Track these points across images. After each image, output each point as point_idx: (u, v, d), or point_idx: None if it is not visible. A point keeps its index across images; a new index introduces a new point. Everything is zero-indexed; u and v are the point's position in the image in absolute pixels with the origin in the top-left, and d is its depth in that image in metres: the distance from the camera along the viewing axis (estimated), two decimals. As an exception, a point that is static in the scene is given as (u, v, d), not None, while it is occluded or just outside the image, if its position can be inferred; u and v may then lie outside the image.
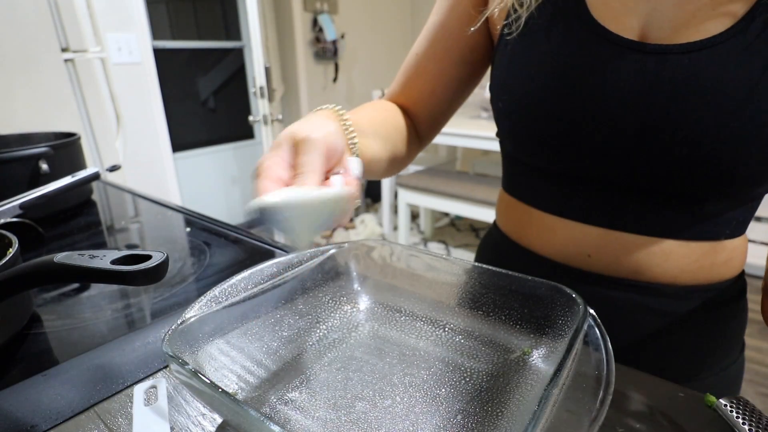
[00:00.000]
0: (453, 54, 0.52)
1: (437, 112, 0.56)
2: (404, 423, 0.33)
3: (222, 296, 0.38)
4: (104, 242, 0.77)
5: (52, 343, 0.47)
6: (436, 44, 0.52)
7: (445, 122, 0.59)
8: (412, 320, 0.45)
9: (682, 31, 0.36)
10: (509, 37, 0.44)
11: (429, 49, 0.53)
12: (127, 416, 0.36)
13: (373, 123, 0.48)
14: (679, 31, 0.36)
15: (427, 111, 0.56)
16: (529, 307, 0.39)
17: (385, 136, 0.49)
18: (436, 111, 0.56)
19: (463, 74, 0.53)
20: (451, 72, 0.53)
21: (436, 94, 0.55)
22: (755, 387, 1.62)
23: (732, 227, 0.43)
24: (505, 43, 0.45)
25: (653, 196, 0.41)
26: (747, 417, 0.32)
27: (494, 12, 0.46)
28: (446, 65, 0.52)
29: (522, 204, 0.50)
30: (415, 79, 0.55)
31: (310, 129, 0.35)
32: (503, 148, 0.53)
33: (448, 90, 0.54)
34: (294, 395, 0.36)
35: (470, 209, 2.24)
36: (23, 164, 0.78)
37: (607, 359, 0.32)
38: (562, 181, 0.45)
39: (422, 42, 0.53)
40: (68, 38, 1.30)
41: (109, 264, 0.33)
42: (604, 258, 0.44)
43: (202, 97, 2.80)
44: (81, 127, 1.36)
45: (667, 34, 0.37)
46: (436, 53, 0.52)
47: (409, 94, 0.56)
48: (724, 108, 0.35)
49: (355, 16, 3.15)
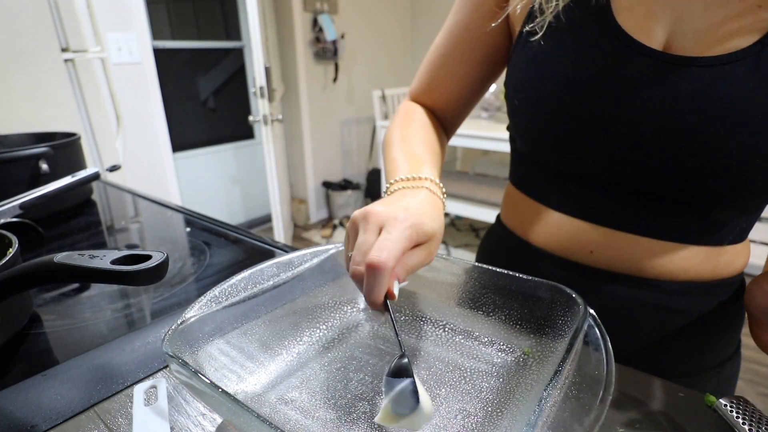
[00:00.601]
0: (477, 54, 0.52)
1: (461, 110, 0.58)
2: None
3: (222, 296, 0.38)
4: (104, 242, 0.77)
5: (52, 343, 0.47)
6: (462, 45, 0.52)
7: (464, 118, 0.60)
8: (412, 320, 0.45)
9: (707, 42, 0.36)
10: (533, 38, 0.43)
11: (455, 50, 0.53)
12: (127, 416, 0.36)
13: (438, 163, 0.50)
14: (704, 42, 0.36)
15: (452, 111, 0.57)
16: (529, 307, 0.39)
17: (440, 165, 0.51)
18: (460, 110, 0.58)
19: (485, 73, 0.54)
20: (475, 72, 0.54)
21: (462, 95, 0.56)
22: (755, 387, 1.62)
23: (735, 233, 0.44)
24: (525, 41, 0.45)
25: (661, 202, 0.41)
26: (747, 417, 0.32)
27: (516, 9, 0.45)
28: (472, 66, 0.53)
29: (529, 199, 0.51)
30: (442, 80, 0.55)
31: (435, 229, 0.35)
32: (513, 144, 0.54)
33: (472, 90, 0.55)
34: (294, 395, 0.36)
35: (470, 209, 2.24)
36: (23, 164, 0.78)
37: (607, 359, 0.32)
38: (571, 180, 0.45)
39: (447, 43, 0.53)
40: (68, 38, 1.30)
41: (109, 264, 0.33)
42: (607, 255, 0.45)
43: (202, 97, 2.80)
44: (81, 127, 1.36)
45: (691, 45, 0.36)
46: (463, 55, 0.53)
47: (436, 96, 0.57)
48: (742, 124, 0.35)
49: (355, 16, 3.15)
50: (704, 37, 0.36)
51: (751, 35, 0.34)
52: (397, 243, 0.32)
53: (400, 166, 0.44)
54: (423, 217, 0.35)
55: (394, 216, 0.33)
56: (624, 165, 0.40)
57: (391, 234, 0.32)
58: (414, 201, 0.37)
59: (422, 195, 0.38)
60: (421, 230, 0.34)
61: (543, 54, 0.43)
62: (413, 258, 0.34)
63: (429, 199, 0.38)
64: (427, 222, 0.35)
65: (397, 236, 0.32)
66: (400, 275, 0.33)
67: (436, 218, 0.36)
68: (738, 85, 0.34)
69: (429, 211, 0.36)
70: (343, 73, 3.20)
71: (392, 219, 0.33)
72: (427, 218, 0.35)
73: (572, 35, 0.41)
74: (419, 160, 0.45)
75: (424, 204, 0.37)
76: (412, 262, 0.34)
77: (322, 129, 3.18)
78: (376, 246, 0.32)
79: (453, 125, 0.59)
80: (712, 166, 0.36)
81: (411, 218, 0.34)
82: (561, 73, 0.41)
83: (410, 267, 0.34)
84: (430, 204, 0.37)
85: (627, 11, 0.39)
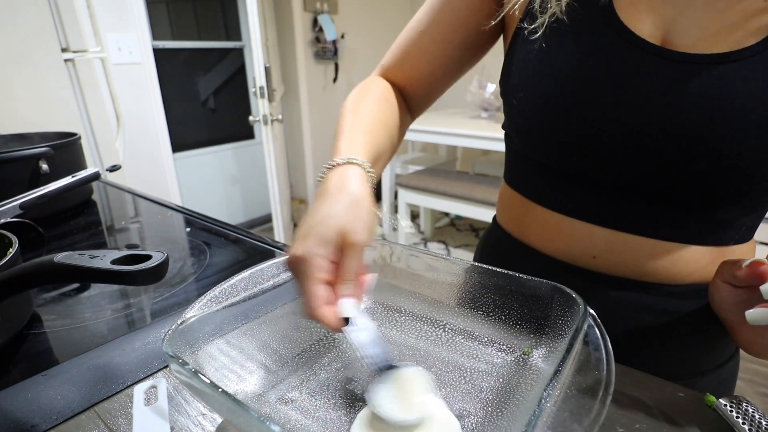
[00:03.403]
0: (458, 36, 0.50)
1: (432, 91, 0.55)
2: (404, 423, 0.33)
3: (222, 296, 0.38)
4: (104, 242, 0.77)
5: (52, 343, 0.47)
6: (441, 24, 0.50)
7: (433, 101, 0.58)
8: (412, 320, 0.45)
9: (710, 39, 0.35)
10: (534, 36, 0.42)
11: (433, 28, 0.51)
12: (127, 416, 0.36)
13: (382, 141, 0.47)
14: (707, 39, 0.35)
15: (422, 91, 0.55)
16: (529, 307, 0.39)
17: (391, 145, 0.50)
18: (431, 90, 0.55)
19: (464, 57, 0.52)
20: (453, 54, 0.51)
21: (435, 75, 0.53)
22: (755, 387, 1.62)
23: (741, 233, 0.43)
24: (524, 38, 0.44)
25: (666, 201, 0.40)
26: (747, 417, 0.32)
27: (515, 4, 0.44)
28: (449, 47, 0.51)
29: (525, 199, 0.50)
30: (415, 58, 0.53)
31: (354, 227, 0.34)
32: (510, 142, 0.52)
33: (446, 72, 0.53)
34: (294, 395, 0.36)
35: (470, 209, 2.24)
36: (23, 164, 0.78)
37: (607, 359, 0.32)
38: (571, 180, 0.44)
39: (426, 19, 0.51)
40: (68, 38, 1.30)
41: (109, 264, 0.33)
42: (610, 259, 0.44)
43: (202, 97, 2.80)
44: (81, 127, 1.36)
45: (693, 42, 0.36)
46: (441, 34, 0.50)
47: (407, 73, 0.54)
48: (749, 124, 0.34)
49: (355, 16, 3.15)
50: (708, 34, 0.35)
51: (756, 33, 0.34)
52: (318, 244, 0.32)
53: (339, 145, 0.42)
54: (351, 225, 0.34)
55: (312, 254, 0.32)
56: (627, 164, 0.40)
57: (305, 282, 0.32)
58: (335, 210, 0.35)
59: (346, 200, 0.36)
60: (342, 237, 0.33)
61: (544, 52, 0.42)
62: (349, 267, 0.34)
63: (358, 199, 0.37)
64: (353, 228, 0.34)
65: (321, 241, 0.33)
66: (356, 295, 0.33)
67: (363, 225, 0.35)
68: (745, 84, 0.34)
69: (356, 216, 0.35)
70: (343, 73, 3.20)
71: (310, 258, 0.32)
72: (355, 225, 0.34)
73: (574, 32, 0.40)
74: (357, 140, 0.43)
75: (354, 206, 0.36)
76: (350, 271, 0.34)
77: (322, 129, 3.17)
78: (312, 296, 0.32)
79: (420, 105, 0.57)
80: (720, 165, 0.36)
81: (338, 227, 0.33)
82: (563, 71, 0.40)
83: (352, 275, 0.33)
84: (361, 207, 0.36)
85: (629, 7, 0.38)
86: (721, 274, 0.39)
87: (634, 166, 0.39)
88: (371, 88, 0.53)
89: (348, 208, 0.35)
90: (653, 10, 0.37)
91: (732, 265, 0.37)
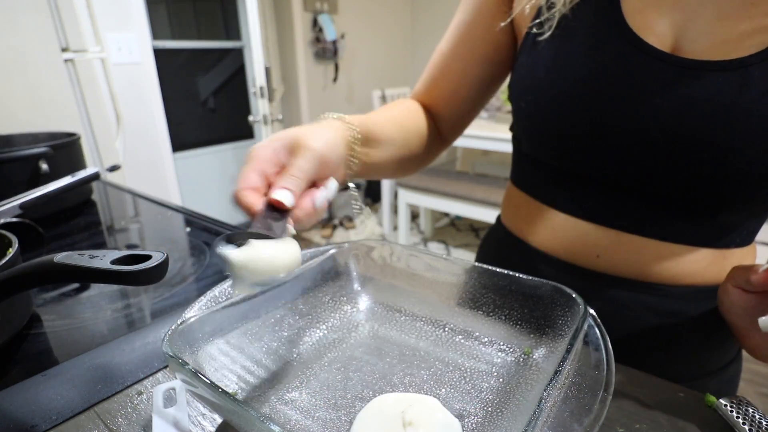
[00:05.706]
0: (477, 53, 0.52)
1: (460, 111, 0.57)
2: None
3: (222, 296, 0.38)
4: (104, 242, 0.77)
5: (52, 343, 0.47)
6: (461, 43, 0.52)
7: (468, 122, 0.59)
8: (412, 320, 0.45)
9: (719, 46, 0.35)
10: (540, 38, 0.43)
11: (454, 48, 0.53)
12: (127, 416, 0.36)
13: (385, 128, 0.48)
14: (716, 46, 0.35)
15: (449, 110, 0.56)
16: (529, 307, 0.39)
17: (398, 140, 0.50)
18: (459, 111, 0.57)
19: (486, 74, 0.53)
20: (474, 71, 0.53)
21: (459, 94, 0.55)
22: (755, 387, 1.62)
23: (743, 236, 0.43)
24: (532, 42, 0.44)
25: (671, 204, 0.41)
26: (747, 417, 0.32)
27: (525, 9, 0.45)
28: (470, 64, 0.53)
29: (532, 200, 0.50)
30: (440, 78, 0.55)
31: (312, 135, 0.36)
32: (518, 145, 0.53)
33: (471, 90, 0.55)
34: (294, 395, 0.36)
35: (470, 209, 2.24)
36: (23, 164, 0.78)
37: (607, 359, 0.32)
38: (577, 181, 0.45)
39: (448, 41, 0.53)
40: (68, 38, 1.30)
41: (109, 264, 0.33)
42: (613, 259, 0.44)
43: (202, 97, 2.80)
44: (81, 127, 1.36)
45: (702, 48, 0.36)
46: (461, 52, 0.52)
47: (432, 93, 0.56)
48: (756, 130, 0.34)
49: (355, 16, 3.15)
50: (716, 41, 0.35)
51: (764, 40, 0.34)
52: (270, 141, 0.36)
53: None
54: (304, 132, 0.36)
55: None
56: (635, 168, 0.40)
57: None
58: (308, 125, 0.39)
59: (321, 123, 0.40)
60: (293, 138, 0.36)
61: (551, 55, 0.42)
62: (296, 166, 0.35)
63: (324, 123, 0.40)
64: (304, 134, 0.36)
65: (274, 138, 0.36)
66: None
67: (318, 136, 0.37)
68: (752, 90, 0.34)
69: (313, 130, 0.38)
70: (343, 73, 3.20)
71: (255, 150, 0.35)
72: (307, 132, 0.36)
73: (582, 38, 0.40)
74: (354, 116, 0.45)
75: (314, 126, 0.39)
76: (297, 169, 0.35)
77: (322, 129, 3.17)
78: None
79: (453, 126, 0.58)
80: (726, 170, 0.36)
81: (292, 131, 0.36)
82: (571, 76, 0.41)
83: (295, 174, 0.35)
84: (324, 128, 0.39)
85: (638, 13, 0.38)
86: (733, 279, 0.39)
87: (641, 170, 0.40)
88: (396, 102, 0.55)
89: (311, 127, 0.38)
90: (662, 16, 0.37)
91: (745, 270, 0.37)
